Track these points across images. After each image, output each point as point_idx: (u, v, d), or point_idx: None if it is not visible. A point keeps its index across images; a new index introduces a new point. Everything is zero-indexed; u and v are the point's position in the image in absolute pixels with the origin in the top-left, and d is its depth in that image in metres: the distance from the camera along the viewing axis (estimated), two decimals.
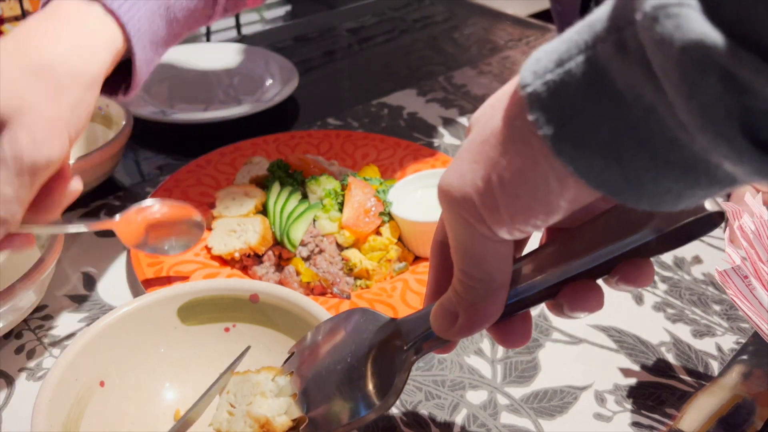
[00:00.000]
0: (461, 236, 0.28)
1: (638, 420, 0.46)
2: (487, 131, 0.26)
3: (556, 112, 0.23)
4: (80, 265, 0.60)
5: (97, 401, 0.42)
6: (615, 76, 0.22)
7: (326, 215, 0.60)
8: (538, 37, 1.10)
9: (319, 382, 0.35)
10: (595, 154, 0.23)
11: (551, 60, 0.23)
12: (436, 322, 0.32)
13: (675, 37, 0.19)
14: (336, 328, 0.37)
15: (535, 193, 0.25)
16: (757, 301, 0.45)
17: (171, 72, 0.94)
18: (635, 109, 0.22)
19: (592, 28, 0.22)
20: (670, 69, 0.19)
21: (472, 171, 0.26)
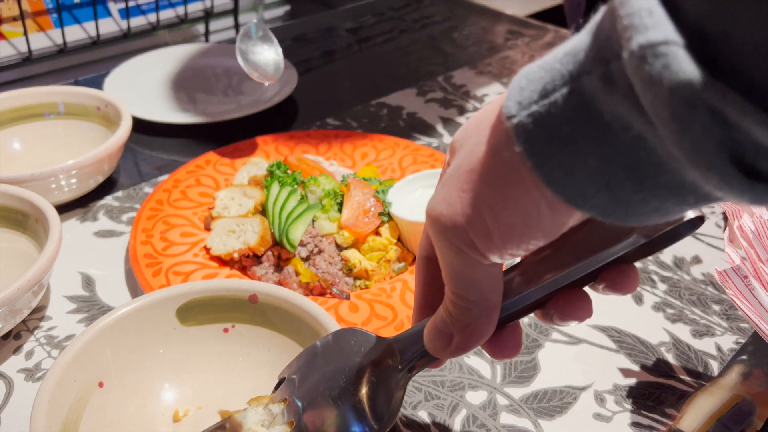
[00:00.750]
0: (453, 262, 0.28)
1: (638, 420, 0.46)
2: (474, 159, 0.26)
3: (543, 143, 0.23)
4: (79, 265, 0.60)
5: (96, 402, 0.42)
6: (602, 107, 0.22)
7: (325, 215, 0.60)
8: (537, 37, 1.10)
9: (314, 408, 0.35)
10: (585, 181, 0.23)
11: (535, 90, 0.24)
12: (431, 344, 0.32)
13: (664, 76, 0.19)
14: (326, 351, 0.37)
15: (527, 221, 0.25)
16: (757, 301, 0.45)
17: (170, 72, 0.94)
18: (623, 138, 0.22)
19: (575, 58, 0.23)
20: (660, 107, 0.20)
21: (461, 200, 0.27)
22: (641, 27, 0.19)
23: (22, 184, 0.59)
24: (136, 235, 0.60)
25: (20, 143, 0.73)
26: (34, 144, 0.73)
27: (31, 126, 0.73)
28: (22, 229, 0.56)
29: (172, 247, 0.59)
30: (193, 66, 0.96)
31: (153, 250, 0.58)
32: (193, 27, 1.09)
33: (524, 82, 0.24)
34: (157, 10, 1.00)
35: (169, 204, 0.64)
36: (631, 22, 0.20)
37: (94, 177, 0.65)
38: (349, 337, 0.36)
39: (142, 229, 0.60)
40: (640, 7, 0.20)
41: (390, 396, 0.33)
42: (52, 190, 0.62)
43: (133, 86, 0.88)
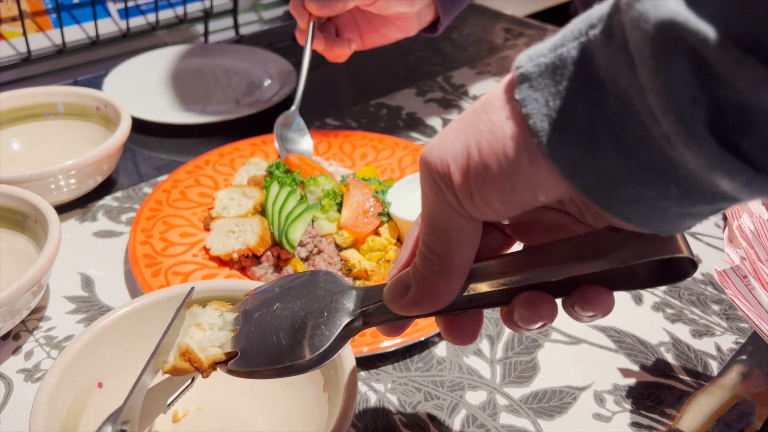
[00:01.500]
0: (430, 203, 0.28)
1: (637, 420, 0.46)
2: (478, 104, 0.27)
3: (540, 92, 0.24)
4: (78, 266, 0.60)
5: (95, 402, 0.42)
6: (599, 62, 0.23)
7: (325, 216, 0.60)
8: (537, 38, 1.10)
9: (261, 323, 0.36)
10: (570, 141, 0.23)
11: (547, 46, 0.24)
12: (388, 291, 0.32)
13: (651, 13, 0.19)
14: (295, 281, 0.37)
15: (505, 167, 0.25)
16: (756, 301, 0.45)
17: (169, 72, 0.94)
18: (613, 99, 0.22)
19: (588, 17, 0.23)
20: (643, 45, 0.20)
21: (454, 136, 0.27)
22: None
23: (21, 185, 0.59)
24: (136, 236, 0.60)
25: (19, 143, 0.73)
26: (33, 144, 0.73)
27: (30, 126, 0.73)
28: (22, 229, 0.56)
29: (171, 248, 0.59)
30: (193, 66, 0.96)
31: (152, 250, 0.58)
32: (193, 27, 1.08)
33: (541, 43, 0.25)
34: (157, 11, 0.99)
35: (169, 204, 0.64)
36: None
37: (94, 177, 0.65)
38: (321, 275, 0.37)
39: (142, 230, 0.60)
40: None
41: (331, 333, 0.33)
42: (52, 191, 0.62)
43: (133, 86, 0.88)
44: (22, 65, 0.90)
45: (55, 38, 0.91)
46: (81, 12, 0.94)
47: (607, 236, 0.28)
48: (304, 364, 0.33)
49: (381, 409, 0.47)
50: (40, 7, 0.90)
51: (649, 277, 0.30)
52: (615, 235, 0.28)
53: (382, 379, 0.49)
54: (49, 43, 0.91)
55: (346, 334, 0.34)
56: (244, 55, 0.98)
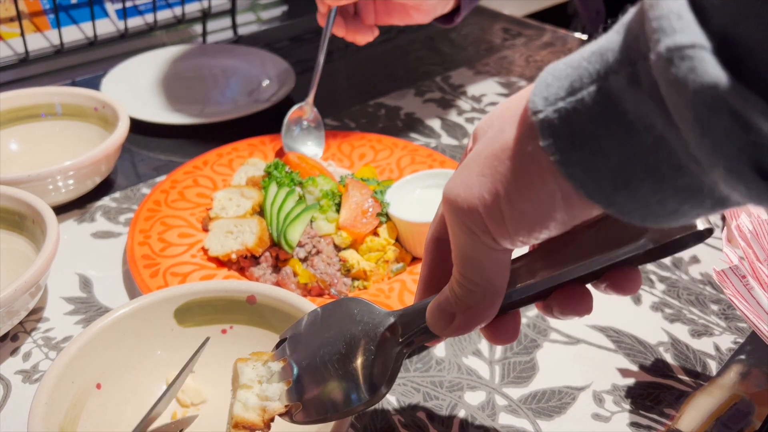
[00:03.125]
0: (464, 244, 0.29)
1: (636, 420, 0.46)
2: (497, 146, 0.27)
3: (567, 138, 0.24)
4: (77, 267, 0.60)
5: (93, 403, 0.42)
6: (627, 107, 0.23)
7: (323, 216, 0.60)
8: (535, 38, 1.10)
9: (312, 371, 0.36)
10: (604, 178, 0.24)
11: (562, 87, 0.24)
12: (433, 321, 0.33)
13: (689, 79, 0.19)
14: (329, 317, 0.37)
15: (541, 210, 0.26)
16: (755, 300, 0.45)
17: (167, 73, 0.94)
18: (646, 138, 0.23)
19: (603, 57, 0.23)
20: (685, 109, 0.20)
21: (480, 184, 0.27)
22: (669, 30, 0.20)
23: (19, 185, 0.59)
24: (134, 236, 0.59)
25: (17, 144, 0.72)
26: (31, 145, 0.73)
27: (28, 127, 0.73)
28: (20, 230, 0.56)
29: (169, 248, 0.59)
30: (191, 67, 0.96)
31: (151, 251, 0.58)
32: (191, 27, 1.08)
33: (550, 78, 0.25)
34: (155, 11, 0.99)
35: (167, 205, 0.64)
36: (659, 25, 0.20)
37: (92, 178, 0.65)
38: (353, 306, 0.37)
39: (140, 230, 0.60)
40: (669, 9, 0.20)
41: (386, 368, 0.34)
42: (50, 191, 0.62)
43: (131, 87, 0.88)
44: (19, 66, 0.89)
45: (53, 39, 0.91)
46: (79, 12, 0.93)
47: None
48: (372, 401, 0.34)
49: (380, 410, 0.47)
50: (37, 8, 0.90)
51: (671, 249, 0.30)
52: None
53: None
54: (47, 43, 0.91)
55: (398, 361, 0.34)
56: (242, 55, 0.98)
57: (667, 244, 0.30)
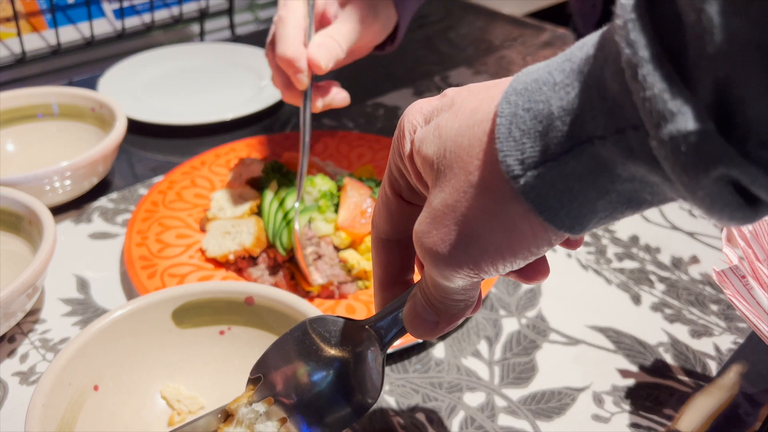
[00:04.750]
0: (446, 281, 0.29)
1: (636, 421, 0.46)
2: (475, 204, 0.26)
3: (554, 198, 0.24)
4: (74, 268, 0.59)
5: (91, 405, 0.41)
6: (618, 170, 0.23)
7: (322, 216, 0.59)
8: (534, 37, 1.10)
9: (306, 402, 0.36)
10: (590, 220, 0.25)
11: (536, 149, 0.24)
12: (417, 330, 0.33)
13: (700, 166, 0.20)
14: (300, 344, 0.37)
15: (530, 254, 0.27)
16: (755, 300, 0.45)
17: (165, 73, 0.94)
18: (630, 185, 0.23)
19: (579, 119, 0.23)
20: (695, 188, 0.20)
21: (465, 243, 0.27)
22: (668, 114, 0.19)
23: (16, 186, 0.58)
24: (131, 237, 0.59)
25: (14, 145, 0.72)
26: (28, 145, 0.72)
27: (25, 127, 0.73)
28: (16, 231, 0.56)
29: (167, 249, 0.59)
30: (188, 66, 0.96)
31: (148, 252, 0.58)
32: (188, 27, 1.08)
33: (517, 133, 0.24)
34: (152, 11, 0.99)
35: (164, 205, 0.64)
36: (655, 107, 0.20)
37: (89, 178, 0.65)
38: (319, 326, 0.37)
39: (137, 231, 0.60)
40: (661, 89, 0.19)
41: (375, 378, 0.35)
42: (46, 192, 0.62)
43: (128, 87, 0.88)
44: (16, 66, 0.89)
45: (50, 39, 0.91)
46: (76, 12, 0.93)
47: None
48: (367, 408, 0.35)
49: (379, 411, 0.47)
50: (34, 8, 0.90)
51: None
52: None
53: None
54: (43, 43, 0.91)
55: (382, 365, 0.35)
56: (240, 55, 0.98)
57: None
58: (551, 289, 0.58)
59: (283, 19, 0.55)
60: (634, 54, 0.20)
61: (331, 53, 0.54)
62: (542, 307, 0.56)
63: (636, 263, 0.61)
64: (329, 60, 0.54)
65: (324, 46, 0.54)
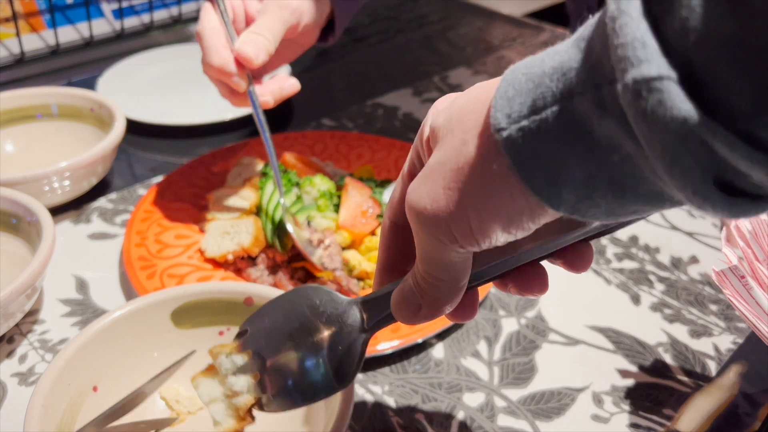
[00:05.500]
0: (431, 251, 0.29)
1: (636, 421, 0.46)
2: (461, 160, 0.27)
3: (533, 156, 0.24)
4: (73, 268, 0.59)
5: (90, 406, 0.41)
6: (593, 128, 0.23)
7: (321, 215, 0.59)
8: (533, 37, 1.10)
9: (279, 363, 0.36)
10: (569, 192, 0.24)
11: (524, 103, 0.24)
12: (399, 312, 0.33)
13: (658, 112, 0.20)
14: (291, 306, 0.38)
15: (509, 223, 0.27)
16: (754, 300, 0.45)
17: (164, 73, 0.94)
18: (611, 156, 0.23)
19: (566, 76, 0.23)
20: (653, 140, 0.21)
21: (446, 197, 0.27)
22: (635, 60, 0.20)
23: (14, 187, 0.58)
24: (130, 238, 0.59)
25: (13, 145, 0.72)
26: (26, 146, 0.72)
27: (23, 128, 0.72)
28: (15, 231, 0.56)
29: (166, 250, 0.59)
30: (188, 67, 0.96)
31: (147, 252, 0.58)
32: (187, 27, 1.08)
33: (511, 91, 0.25)
34: (151, 11, 0.99)
35: (163, 206, 0.64)
36: (624, 54, 0.20)
37: (88, 179, 0.65)
38: (314, 295, 0.37)
39: (136, 232, 0.60)
40: (634, 37, 0.20)
41: (354, 356, 0.35)
42: (45, 193, 0.62)
43: (127, 87, 0.88)
44: (15, 66, 0.89)
45: (49, 39, 0.91)
46: (75, 12, 0.93)
47: None
48: (338, 389, 0.35)
49: (378, 412, 0.47)
50: (33, 8, 0.89)
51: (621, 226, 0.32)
52: None
53: (380, 381, 0.49)
54: (42, 43, 0.91)
55: (364, 349, 0.35)
56: None
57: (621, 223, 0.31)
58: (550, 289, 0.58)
59: (201, 32, 0.56)
60: (617, 8, 0.21)
61: (258, 45, 0.54)
62: (541, 308, 0.56)
63: (635, 263, 0.61)
64: (258, 52, 0.54)
65: (249, 42, 0.54)
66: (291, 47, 0.62)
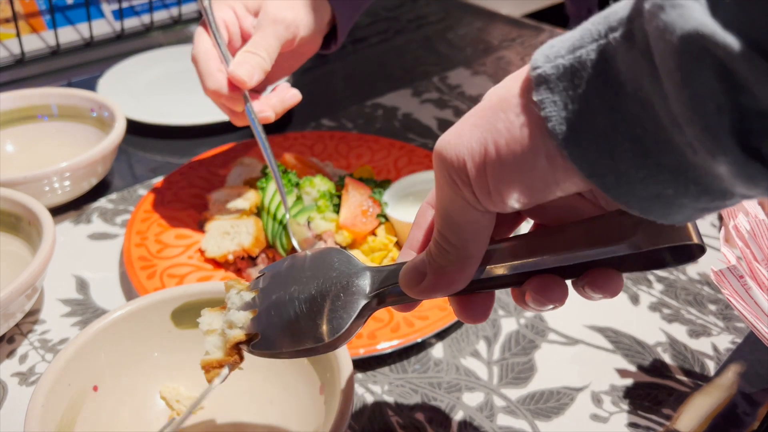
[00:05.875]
0: (446, 197, 0.29)
1: (635, 421, 0.46)
2: (495, 99, 0.27)
3: (559, 95, 0.24)
4: (73, 268, 0.59)
5: (90, 406, 0.41)
6: (620, 66, 0.22)
7: (321, 216, 0.60)
8: (533, 37, 1.10)
9: (278, 305, 0.36)
10: (590, 142, 0.23)
11: (564, 47, 0.24)
12: (404, 278, 0.32)
13: (677, 25, 0.19)
14: (311, 261, 0.38)
15: (523, 165, 0.25)
16: (753, 300, 0.45)
17: (164, 74, 0.94)
18: (633, 103, 0.22)
19: (606, 19, 0.23)
20: (668, 57, 0.20)
21: (470, 132, 0.27)
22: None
23: (15, 187, 0.59)
24: (131, 238, 0.59)
25: (13, 146, 0.72)
26: (27, 146, 0.72)
27: (24, 128, 0.73)
28: (16, 232, 0.56)
29: (166, 250, 0.59)
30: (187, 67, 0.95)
31: (147, 252, 0.58)
32: (187, 28, 1.08)
33: (556, 41, 0.25)
34: (151, 11, 0.99)
35: (164, 206, 0.64)
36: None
37: (88, 179, 0.65)
38: (334, 255, 0.37)
39: (137, 232, 0.60)
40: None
41: (350, 315, 0.34)
42: (46, 193, 0.62)
43: (127, 88, 0.88)
44: (15, 67, 0.89)
45: (49, 40, 0.91)
46: (75, 13, 0.93)
47: (619, 221, 0.29)
48: (325, 345, 0.34)
49: (378, 412, 0.47)
50: (33, 9, 0.90)
51: (658, 261, 0.30)
52: (627, 219, 0.28)
53: (379, 381, 0.49)
54: (43, 44, 0.91)
55: (363, 314, 0.34)
56: None
57: (653, 253, 0.29)
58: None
59: (195, 57, 0.56)
60: None
61: (253, 65, 0.55)
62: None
63: None
64: (252, 72, 0.54)
65: (243, 63, 0.54)
66: (293, 57, 0.62)
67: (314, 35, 0.60)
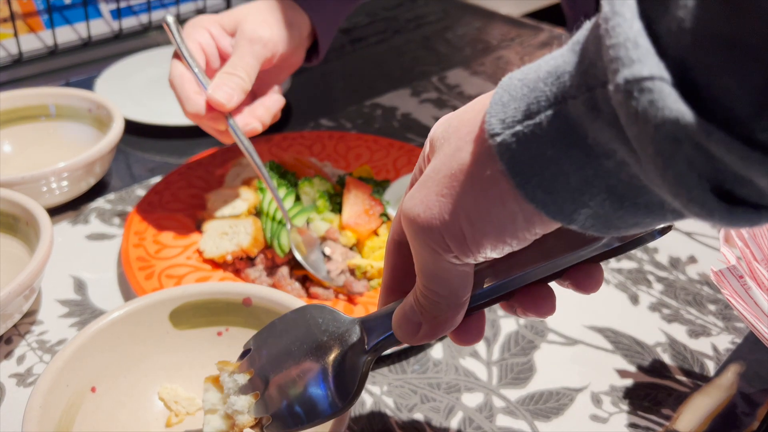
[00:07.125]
0: (427, 261, 0.29)
1: (635, 421, 0.46)
2: (455, 166, 0.27)
3: (527, 162, 0.24)
4: (71, 269, 0.59)
5: (88, 407, 0.41)
6: (586, 132, 0.23)
7: (320, 216, 0.59)
8: (532, 37, 1.10)
9: (280, 382, 0.36)
10: (565, 200, 0.24)
11: (518, 109, 0.24)
12: (400, 331, 0.33)
13: (649, 113, 0.19)
14: (293, 325, 0.37)
15: (502, 230, 0.26)
16: (752, 300, 0.45)
17: (162, 73, 0.94)
18: (606, 162, 0.23)
19: (559, 80, 0.23)
20: (645, 142, 0.20)
21: (439, 204, 0.27)
22: (627, 60, 0.19)
23: (12, 187, 0.58)
24: (129, 238, 0.59)
25: (11, 146, 0.72)
26: (24, 146, 0.72)
27: (21, 128, 0.72)
28: (13, 232, 0.56)
29: (164, 250, 0.59)
30: None
31: (145, 253, 0.58)
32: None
33: (506, 97, 0.25)
34: (149, 11, 0.99)
35: (162, 206, 0.64)
36: (616, 54, 0.20)
37: (86, 179, 0.65)
38: (316, 314, 0.37)
39: (135, 232, 0.60)
40: (626, 37, 0.20)
41: (355, 375, 0.34)
42: (43, 193, 0.62)
43: (125, 87, 0.88)
44: (13, 67, 0.89)
45: (47, 39, 0.91)
46: (73, 13, 0.93)
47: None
48: (339, 412, 0.34)
49: (377, 412, 0.47)
50: (31, 8, 0.89)
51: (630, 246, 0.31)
52: None
53: (378, 382, 0.49)
54: (40, 44, 0.90)
55: (366, 370, 0.35)
56: None
57: (629, 242, 0.30)
58: None
59: (172, 82, 0.56)
60: (611, 9, 0.20)
61: (232, 87, 0.55)
62: None
63: (634, 263, 0.61)
64: (231, 95, 0.54)
65: (220, 86, 0.54)
66: (277, 72, 0.62)
67: (295, 50, 0.60)
